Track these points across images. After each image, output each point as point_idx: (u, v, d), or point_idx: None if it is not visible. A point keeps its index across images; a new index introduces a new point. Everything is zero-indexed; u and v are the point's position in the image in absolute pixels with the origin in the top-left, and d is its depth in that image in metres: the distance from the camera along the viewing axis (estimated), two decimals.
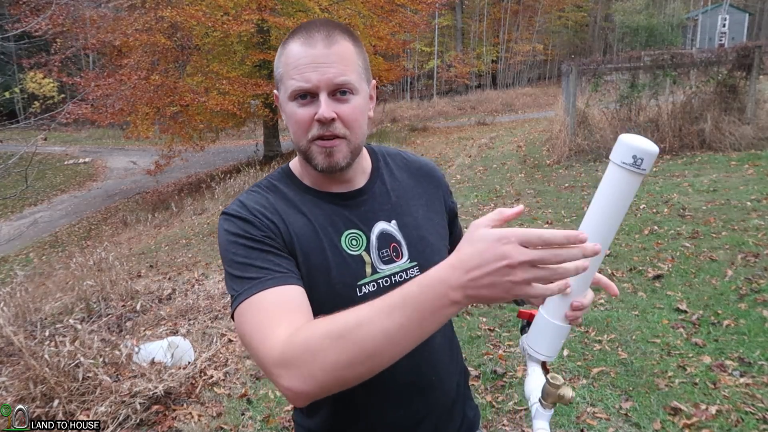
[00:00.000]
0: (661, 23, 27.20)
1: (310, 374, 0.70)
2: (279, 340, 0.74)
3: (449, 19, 31.18)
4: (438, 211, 1.07)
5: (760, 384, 2.68)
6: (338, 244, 0.93)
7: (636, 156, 0.71)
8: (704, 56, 8.58)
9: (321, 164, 0.90)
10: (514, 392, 2.88)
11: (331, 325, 0.71)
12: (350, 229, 0.95)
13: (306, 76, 0.86)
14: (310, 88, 0.87)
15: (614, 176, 0.74)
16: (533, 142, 11.34)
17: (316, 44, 0.87)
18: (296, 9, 13.54)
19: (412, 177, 1.07)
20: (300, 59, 0.87)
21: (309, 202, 0.96)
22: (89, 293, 4.60)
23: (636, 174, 0.72)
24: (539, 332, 0.86)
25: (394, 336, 0.67)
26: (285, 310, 0.80)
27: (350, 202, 0.98)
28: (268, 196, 0.95)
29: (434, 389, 1.01)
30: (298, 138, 0.91)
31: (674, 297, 3.73)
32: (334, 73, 0.86)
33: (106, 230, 11.50)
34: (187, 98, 11.74)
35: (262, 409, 2.97)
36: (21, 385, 2.76)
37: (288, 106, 0.90)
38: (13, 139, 12.11)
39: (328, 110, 0.86)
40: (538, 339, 0.86)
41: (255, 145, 16.20)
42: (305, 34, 0.88)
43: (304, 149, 0.91)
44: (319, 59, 0.86)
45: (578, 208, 6.16)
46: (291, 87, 0.88)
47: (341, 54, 0.88)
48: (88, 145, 23.43)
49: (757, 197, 5.49)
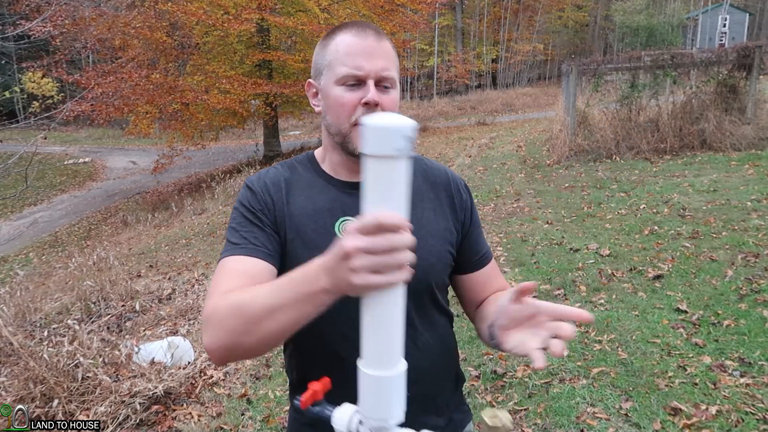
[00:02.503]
0: (661, 23, 27.20)
1: (216, 335, 0.81)
2: (212, 300, 0.85)
3: (449, 18, 31.18)
4: (447, 218, 1.08)
5: (760, 384, 2.68)
6: (331, 229, 0.98)
7: (408, 136, 0.63)
8: (704, 56, 8.58)
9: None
10: (514, 392, 2.88)
11: (240, 294, 0.82)
12: (347, 215, 1.00)
13: (358, 64, 0.93)
14: (361, 75, 0.93)
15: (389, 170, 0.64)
16: (533, 142, 11.34)
17: (368, 37, 0.94)
18: (296, 9, 13.54)
19: (426, 182, 1.09)
20: (352, 47, 0.94)
21: (318, 186, 1.02)
22: (89, 293, 4.60)
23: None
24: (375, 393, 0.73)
25: (275, 311, 0.75)
26: (237, 276, 0.90)
27: (356, 192, 1.01)
28: (284, 174, 1.04)
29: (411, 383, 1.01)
30: (340, 121, 0.96)
31: (674, 297, 3.73)
32: (382, 66, 0.93)
33: (106, 230, 11.50)
34: (188, 96, 11.74)
35: (262, 409, 2.97)
36: (21, 385, 2.76)
37: (334, 90, 0.95)
38: (13, 139, 12.12)
39: (376, 95, 0.92)
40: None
41: (255, 145, 16.21)
42: (357, 28, 0.96)
43: (345, 132, 0.96)
44: (369, 50, 0.93)
45: (578, 208, 6.16)
46: (341, 73, 0.94)
47: (387, 50, 0.96)
48: (88, 145, 23.43)
49: (757, 197, 5.49)
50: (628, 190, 6.56)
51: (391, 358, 0.72)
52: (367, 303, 0.70)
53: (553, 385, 2.89)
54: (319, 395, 0.81)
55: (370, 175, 0.65)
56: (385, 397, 0.72)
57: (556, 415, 2.65)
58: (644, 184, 6.75)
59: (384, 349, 0.72)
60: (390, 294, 0.69)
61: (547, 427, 2.58)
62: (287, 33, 13.91)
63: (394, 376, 0.72)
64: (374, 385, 0.72)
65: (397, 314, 0.71)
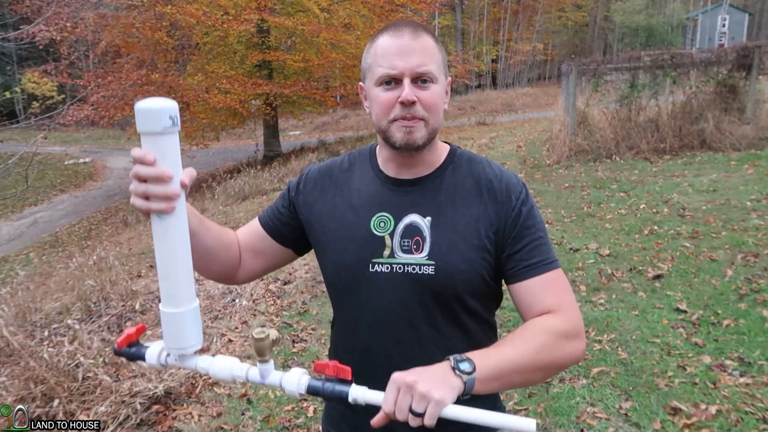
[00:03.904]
0: (661, 23, 27.19)
1: None
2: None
3: (449, 18, 31.18)
4: (490, 224, 1.02)
5: (759, 384, 2.68)
6: (367, 223, 1.04)
7: (172, 116, 0.79)
8: (704, 56, 8.58)
9: (399, 141, 0.99)
10: (514, 392, 2.88)
11: None
12: (383, 212, 1.04)
13: (393, 63, 0.96)
14: (396, 74, 0.96)
15: (159, 143, 0.80)
16: (533, 142, 11.34)
17: (403, 36, 0.98)
18: (296, 9, 13.53)
19: (476, 186, 1.05)
20: (388, 49, 0.98)
21: (366, 178, 1.09)
22: (89, 293, 4.59)
23: (174, 132, 0.81)
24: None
25: None
26: (246, 229, 1.19)
27: (399, 189, 1.06)
28: (344, 165, 1.15)
29: None
30: (379, 119, 1.01)
31: (674, 297, 3.73)
32: (417, 62, 0.96)
33: (106, 230, 11.50)
34: (188, 95, 11.74)
35: (262, 409, 2.97)
36: (21, 384, 2.76)
37: (373, 91, 1.01)
38: (13, 139, 12.10)
39: (411, 93, 0.96)
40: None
41: (255, 145, 16.20)
42: (394, 29, 1.00)
43: (384, 128, 1.00)
44: (404, 49, 0.97)
45: (578, 208, 6.16)
46: (378, 74, 0.98)
47: (424, 46, 0.98)
48: (88, 145, 23.43)
49: (757, 197, 5.49)
50: (627, 190, 6.56)
51: (181, 297, 0.86)
52: (156, 246, 0.85)
53: (553, 385, 2.90)
54: (134, 337, 0.93)
55: (146, 148, 0.81)
56: (182, 329, 0.87)
57: (556, 414, 2.65)
58: (644, 184, 6.75)
59: (174, 289, 0.86)
60: (166, 234, 0.84)
61: (547, 427, 2.58)
62: (287, 33, 13.91)
63: (186, 311, 0.87)
64: (171, 320, 0.87)
65: (180, 258, 0.85)
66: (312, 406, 2.94)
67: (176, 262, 0.85)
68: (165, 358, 0.91)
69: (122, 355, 0.94)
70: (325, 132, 21.50)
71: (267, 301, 4.47)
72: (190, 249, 0.87)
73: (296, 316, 4.17)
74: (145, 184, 0.81)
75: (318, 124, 24.05)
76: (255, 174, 11.38)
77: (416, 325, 1.01)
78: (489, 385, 0.87)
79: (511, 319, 3.70)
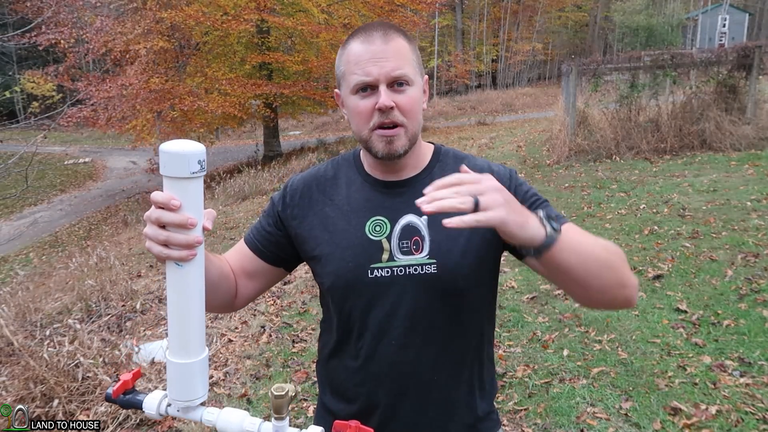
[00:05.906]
0: (661, 23, 27.16)
1: None
2: None
3: (449, 18, 31.18)
4: None
5: (760, 384, 2.68)
6: (362, 228, 1.02)
7: (200, 160, 0.75)
8: (704, 56, 8.58)
9: (381, 151, 0.98)
10: (514, 392, 2.88)
11: None
12: (378, 215, 1.02)
13: (367, 70, 0.94)
14: (371, 81, 0.94)
15: (184, 188, 0.76)
16: (533, 142, 11.34)
17: (375, 41, 0.95)
18: (295, 9, 13.53)
19: None
20: (361, 55, 0.95)
21: (355, 184, 1.07)
22: (89, 293, 4.59)
23: (201, 175, 0.77)
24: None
25: None
26: (235, 254, 1.12)
27: (391, 191, 1.04)
28: (328, 173, 1.11)
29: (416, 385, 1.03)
30: (360, 128, 0.98)
31: (674, 297, 3.73)
32: (391, 67, 0.94)
33: (106, 230, 11.49)
34: (186, 101, 11.70)
35: (262, 409, 2.97)
36: (21, 384, 2.76)
37: (350, 100, 0.98)
38: (13, 139, 12.10)
39: (387, 99, 0.93)
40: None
41: (255, 145, 16.20)
42: (364, 34, 0.97)
43: (366, 138, 0.98)
44: (377, 54, 0.94)
45: (578, 208, 6.16)
46: (353, 81, 0.96)
47: (397, 49, 0.96)
48: (88, 145, 23.44)
49: (757, 197, 5.49)
50: (628, 190, 6.56)
51: (192, 348, 0.81)
52: (169, 293, 0.80)
53: (553, 385, 2.90)
54: (130, 384, 0.88)
55: (169, 192, 0.76)
56: (189, 381, 0.81)
57: (556, 415, 2.65)
58: (644, 184, 6.75)
59: (185, 339, 0.80)
60: (182, 282, 0.79)
61: (547, 427, 2.58)
62: (287, 33, 13.91)
63: (195, 362, 0.81)
64: (178, 371, 0.81)
65: (194, 306, 0.80)
66: (312, 406, 2.94)
67: (191, 311, 0.81)
68: (166, 408, 0.85)
69: (116, 404, 0.88)
70: (325, 132, 21.51)
71: (267, 301, 4.47)
72: (204, 296, 0.83)
73: (296, 316, 4.17)
74: (164, 229, 0.78)
75: (318, 124, 24.04)
76: (255, 174, 11.38)
77: (420, 329, 1.00)
78: (567, 254, 0.84)
79: (511, 319, 3.70)
